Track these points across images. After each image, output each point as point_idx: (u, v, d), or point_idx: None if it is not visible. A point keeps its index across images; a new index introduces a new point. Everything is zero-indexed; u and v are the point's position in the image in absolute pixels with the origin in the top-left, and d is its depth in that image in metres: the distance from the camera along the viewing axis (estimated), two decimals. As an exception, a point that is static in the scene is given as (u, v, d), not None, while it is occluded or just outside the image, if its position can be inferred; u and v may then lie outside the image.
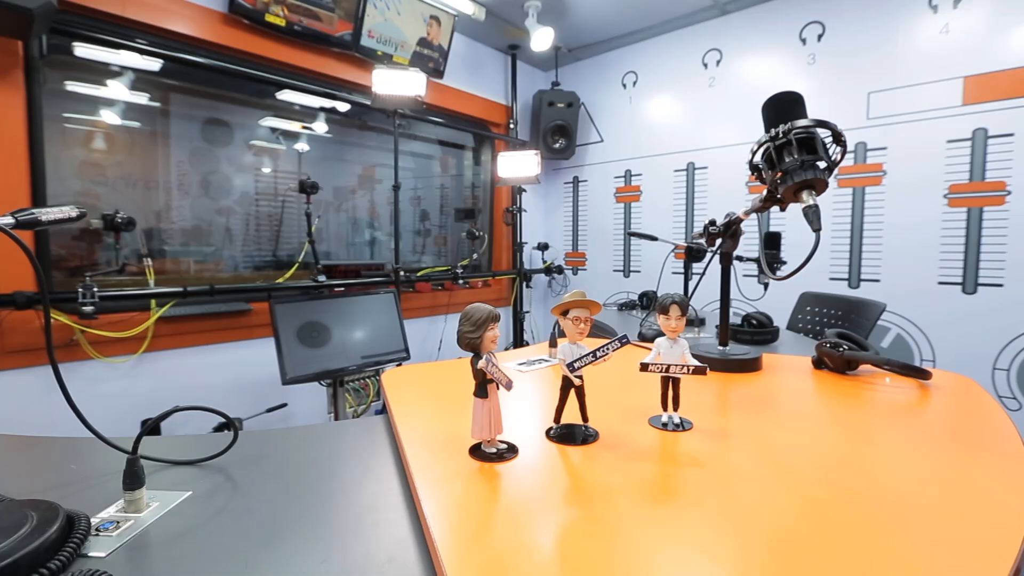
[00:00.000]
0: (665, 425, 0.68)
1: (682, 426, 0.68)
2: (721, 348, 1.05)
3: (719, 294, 1.05)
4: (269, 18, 2.22)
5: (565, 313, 0.63)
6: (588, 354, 0.62)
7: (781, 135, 0.72)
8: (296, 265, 2.48)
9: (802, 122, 0.71)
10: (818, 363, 1.00)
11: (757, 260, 1.30)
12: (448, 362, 1.18)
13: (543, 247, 3.93)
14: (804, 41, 2.73)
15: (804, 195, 0.72)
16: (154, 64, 2.13)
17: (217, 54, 2.23)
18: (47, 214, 0.56)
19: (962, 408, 0.79)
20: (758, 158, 0.78)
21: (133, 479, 0.53)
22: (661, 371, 0.66)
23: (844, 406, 0.80)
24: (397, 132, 2.37)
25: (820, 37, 2.68)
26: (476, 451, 0.59)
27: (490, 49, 3.58)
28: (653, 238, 2.03)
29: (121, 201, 2.16)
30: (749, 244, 2.79)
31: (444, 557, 0.39)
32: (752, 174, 0.81)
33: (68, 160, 2.02)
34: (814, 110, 0.75)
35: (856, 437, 0.67)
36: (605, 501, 0.49)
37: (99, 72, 2.05)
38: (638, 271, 3.59)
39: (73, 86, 2.00)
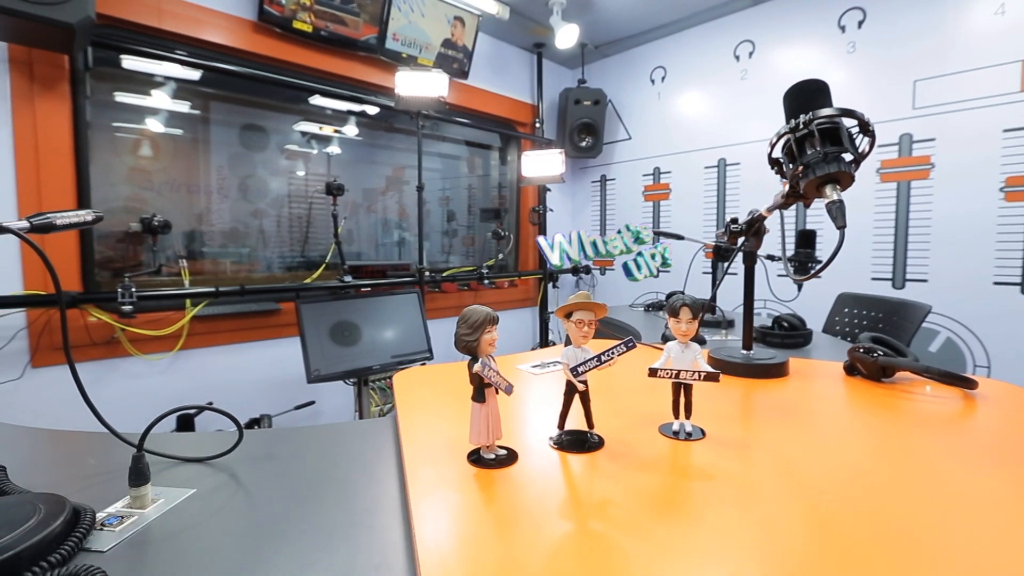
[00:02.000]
0: (676, 434, 0.65)
1: (694, 435, 0.64)
2: (745, 352, 1.00)
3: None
4: (297, 25, 2.28)
5: (569, 316, 0.61)
6: (593, 358, 0.59)
7: (802, 126, 0.67)
8: (323, 266, 2.53)
9: (825, 111, 0.66)
10: (850, 369, 0.94)
11: (779, 258, 1.23)
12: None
13: (569, 247, 3.89)
14: (843, 29, 2.59)
15: (827, 190, 0.67)
16: (194, 74, 2.23)
17: (250, 62, 2.30)
18: (63, 218, 0.58)
19: (1012, 421, 0.72)
20: (778, 151, 0.73)
21: (138, 476, 0.54)
22: (670, 377, 0.63)
23: (876, 417, 0.74)
24: (421, 133, 2.39)
25: (860, 24, 2.53)
26: (475, 456, 0.58)
27: (515, 48, 3.57)
28: (680, 237, 1.97)
29: (166, 205, 2.27)
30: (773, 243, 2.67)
31: (424, 570, 0.38)
32: (772, 169, 0.77)
33: (118, 167, 2.13)
34: (855, 101, 0.70)
35: (887, 452, 0.62)
36: (601, 514, 0.46)
37: (143, 83, 2.16)
38: (667, 271, 3.49)
39: (121, 97, 2.11)
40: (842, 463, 0.58)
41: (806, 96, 0.71)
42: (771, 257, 1.84)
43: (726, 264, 0.93)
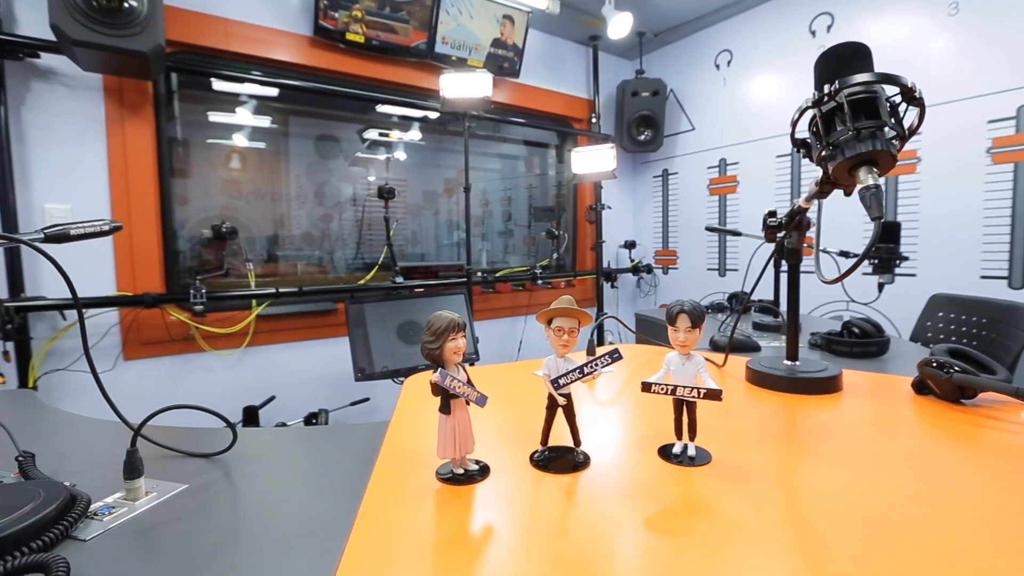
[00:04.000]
0: (676, 457, 0.57)
1: (697, 460, 0.57)
2: (788, 363, 0.88)
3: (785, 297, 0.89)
4: (350, 36, 2.38)
5: (550, 322, 0.56)
6: (575, 369, 0.54)
7: (827, 98, 0.55)
8: (376, 267, 2.63)
9: (857, 77, 0.54)
10: (920, 387, 0.79)
11: (851, 255, 1.08)
12: (495, 366, 1.15)
13: (630, 245, 3.74)
14: (944, -11, 2.24)
15: (861, 173, 0.54)
16: (271, 91, 2.42)
17: (311, 75, 2.44)
18: (78, 228, 0.63)
19: None
20: (802, 129, 0.62)
21: (131, 470, 0.57)
22: (666, 393, 0.56)
23: (944, 448, 0.61)
24: (468, 134, 2.40)
25: (966, -19, 2.18)
26: (444, 470, 0.55)
27: (569, 42, 3.49)
28: (737, 233, 1.81)
29: (253, 213, 2.49)
30: (858, 236, 2.37)
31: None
32: (798, 151, 0.65)
33: (213, 179, 2.37)
34: (959, 71, 0.58)
35: (951, 495, 0.48)
36: (552, 550, 0.41)
37: (228, 102, 2.38)
38: (735, 269, 3.25)
39: (213, 116, 2.35)
40: (882, 509, 0.46)
41: (839, 62, 0.59)
42: (844, 254, 1.64)
43: (766, 261, 0.82)
